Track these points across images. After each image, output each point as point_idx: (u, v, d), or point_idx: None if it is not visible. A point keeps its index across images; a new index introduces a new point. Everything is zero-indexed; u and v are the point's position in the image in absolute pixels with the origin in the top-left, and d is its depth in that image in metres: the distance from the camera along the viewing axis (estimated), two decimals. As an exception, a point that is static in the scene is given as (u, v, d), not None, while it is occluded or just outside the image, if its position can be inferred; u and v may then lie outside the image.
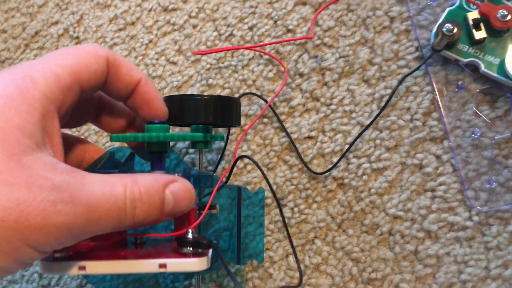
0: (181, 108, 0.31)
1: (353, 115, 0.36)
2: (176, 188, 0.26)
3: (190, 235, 0.27)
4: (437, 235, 0.33)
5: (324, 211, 0.36)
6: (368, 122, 0.35)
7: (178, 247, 0.27)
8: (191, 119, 0.31)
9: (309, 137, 0.37)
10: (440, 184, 0.34)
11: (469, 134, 0.33)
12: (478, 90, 0.34)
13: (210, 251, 0.27)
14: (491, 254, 0.33)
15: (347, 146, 0.35)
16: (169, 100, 0.31)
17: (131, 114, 0.32)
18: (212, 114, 0.31)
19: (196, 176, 0.31)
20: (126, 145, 0.34)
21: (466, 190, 0.33)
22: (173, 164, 0.36)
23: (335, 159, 0.36)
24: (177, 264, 0.26)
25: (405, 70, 0.35)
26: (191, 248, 0.26)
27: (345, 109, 0.36)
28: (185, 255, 0.26)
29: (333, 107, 0.37)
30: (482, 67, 0.33)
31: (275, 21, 0.39)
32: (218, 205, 0.32)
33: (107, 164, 0.30)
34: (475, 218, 0.33)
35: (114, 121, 0.32)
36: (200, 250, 0.26)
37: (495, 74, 0.33)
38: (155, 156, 0.30)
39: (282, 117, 0.37)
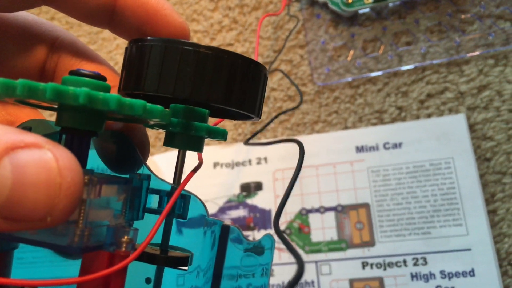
0: (151, 65, 0.19)
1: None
2: (25, 158, 0.14)
3: None
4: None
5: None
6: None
7: None
8: (168, 89, 0.19)
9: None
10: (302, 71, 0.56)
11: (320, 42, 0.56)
12: (327, 18, 0.57)
13: None
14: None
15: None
16: (133, 48, 0.21)
17: None
18: (215, 85, 0.19)
19: (157, 190, 0.21)
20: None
21: (313, 73, 0.55)
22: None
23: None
24: None
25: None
26: None
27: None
28: None
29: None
30: (329, 4, 0.56)
31: None
32: (189, 254, 0.21)
33: None
34: (316, 89, 0.55)
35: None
36: None
37: (335, 8, 0.56)
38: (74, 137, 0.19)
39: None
